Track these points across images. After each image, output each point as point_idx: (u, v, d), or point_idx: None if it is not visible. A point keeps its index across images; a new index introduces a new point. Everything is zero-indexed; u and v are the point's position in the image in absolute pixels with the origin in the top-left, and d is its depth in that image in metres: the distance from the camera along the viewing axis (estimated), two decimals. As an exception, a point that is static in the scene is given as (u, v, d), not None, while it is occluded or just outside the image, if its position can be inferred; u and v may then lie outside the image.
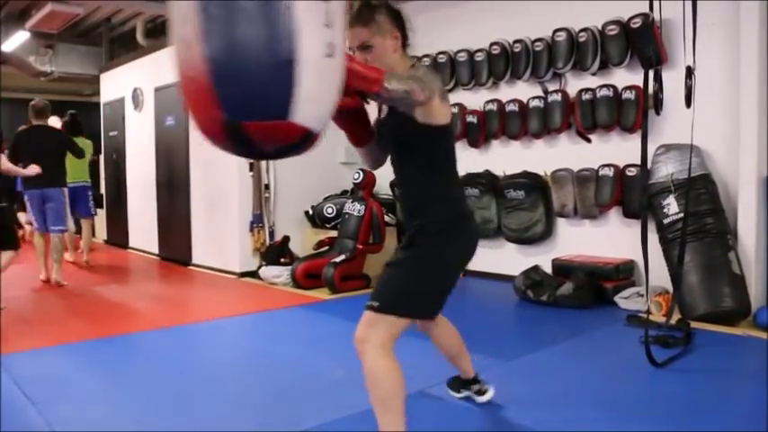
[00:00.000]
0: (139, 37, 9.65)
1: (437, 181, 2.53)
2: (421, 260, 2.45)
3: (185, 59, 1.70)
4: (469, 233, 2.59)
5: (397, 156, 2.61)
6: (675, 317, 4.47)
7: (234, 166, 6.94)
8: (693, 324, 4.39)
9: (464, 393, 3.16)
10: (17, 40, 9.33)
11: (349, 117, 2.46)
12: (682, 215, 4.43)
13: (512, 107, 6.10)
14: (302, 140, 1.85)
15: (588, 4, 5.57)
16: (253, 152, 1.96)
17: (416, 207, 2.54)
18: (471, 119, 6.43)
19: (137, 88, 8.94)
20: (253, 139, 1.76)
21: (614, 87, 5.36)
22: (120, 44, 10.82)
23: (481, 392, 3.11)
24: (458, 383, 3.19)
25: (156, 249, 8.66)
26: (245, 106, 1.69)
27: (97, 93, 11.11)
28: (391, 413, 2.38)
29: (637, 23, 5.04)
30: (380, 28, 2.43)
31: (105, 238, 10.38)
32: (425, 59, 6.68)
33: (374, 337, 2.36)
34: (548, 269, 5.60)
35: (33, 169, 6.00)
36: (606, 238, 5.62)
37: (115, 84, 9.84)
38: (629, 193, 5.30)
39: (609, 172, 5.39)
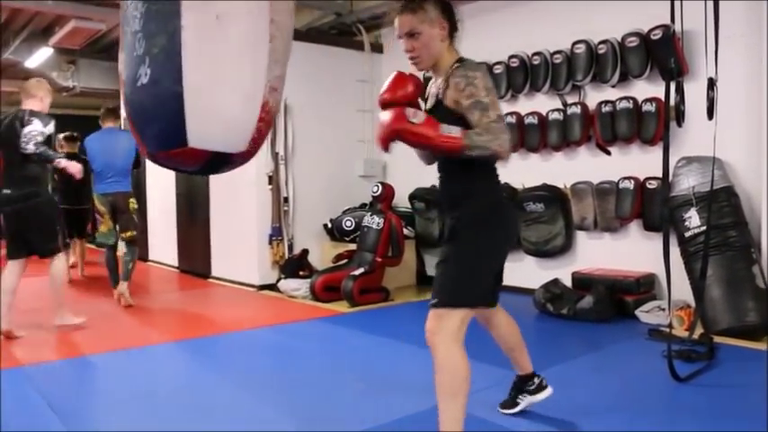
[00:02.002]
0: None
1: (477, 175, 2.56)
2: (466, 250, 2.51)
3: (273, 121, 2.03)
4: (506, 216, 2.66)
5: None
6: (698, 331, 4.42)
7: (253, 180, 6.98)
8: (716, 338, 4.33)
9: (520, 405, 3.13)
10: (41, 56, 9.46)
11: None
12: (704, 228, 4.39)
13: (531, 120, 6.09)
14: (216, 161, 1.97)
15: (608, 16, 5.56)
16: (184, 171, 2.18)
17: (456, 200, 2.60)
18: (490, 132, 6.41)
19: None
20: (170, 164, 2.02)
21: (634, 99, 5.33)
22: (141, 59, 10.92)
23: (541, 387, 3.11)
24: (512, 396, 3.15)
25: (175, 262, 8.71)
26: (154, 140, 1.93)
27: (118, 107, 11.20)
28: (455, 404, 2.42)
29: (657, 35, 5.02)
30: (428, 16, 2.50)
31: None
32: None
33: (445, 329, 2.43)
34: (567, 282, 5.56)
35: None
36: (626, 252, 5.57)
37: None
38: (650, 206, 5.26)
39: (629, 184, 5.35)
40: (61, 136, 7.84)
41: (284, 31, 1.93)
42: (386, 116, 2.43)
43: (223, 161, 1.96)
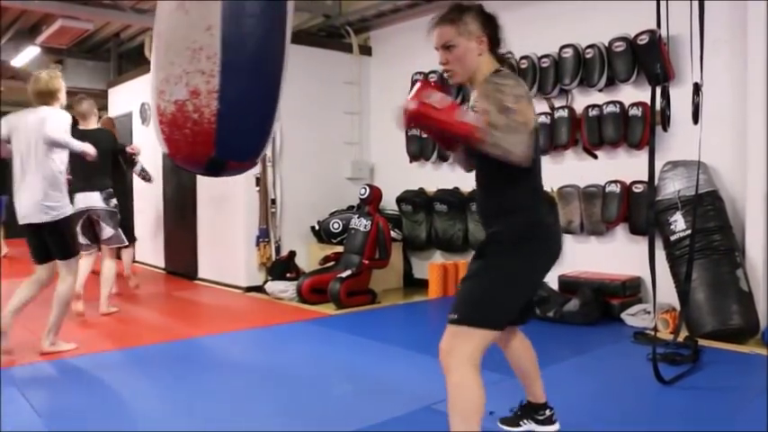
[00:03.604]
0: (147, 52, 9.71)
1: (516, 191, 2.41)
2: (492, 271, 2.37)
3: (193, 104, 2.03)
4: (546, 240, 2.46)
5: (478, 161, 2.51)
6: (683, 334, 4.45)
7: (241, 182, 6.96)
8: (701, 342, 4.36)
9: (522, 428, 2.98)
10: (28, 55, 9.41)
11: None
12: (689, 232, 4.41)
13: (518, 123, 6.09)
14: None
15: (595, 21, 5.60)
16: (215, 176, 2.35)
17: (492, 215, 2.48)
18: (478, 135, 6.43)
19: (144, 103, 8.99)
20: (225, 172, 2.24)
21: (621, 104, 5.36)
22: (129, 59, 10.89)
23: (551, 421, 2.93)
24: (516, 415, 3.01)
25: (162, 263, 8.67)
26: (235, 150, 2.15)
27: (105, 107, 11.17)
28: (467, 428, 2.29)
29: (644, 40, 5.06)
30: (467, 29, 2.40)
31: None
32: (432, 75, 6.68)
33: (459, 350, 2.29)
34: (554, 285, 5.58)
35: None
36: (613, 255, 5.60)
37: (123, 99, 9.90)
38: (636, 210, 5.29)
39: (615, 188, 5.38)
40: None
41: (163, 36, 2.07)
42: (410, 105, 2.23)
43: (173, 162, 2.24)
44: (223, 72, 2.01)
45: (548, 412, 2.94)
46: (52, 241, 4.32)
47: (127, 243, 6.02)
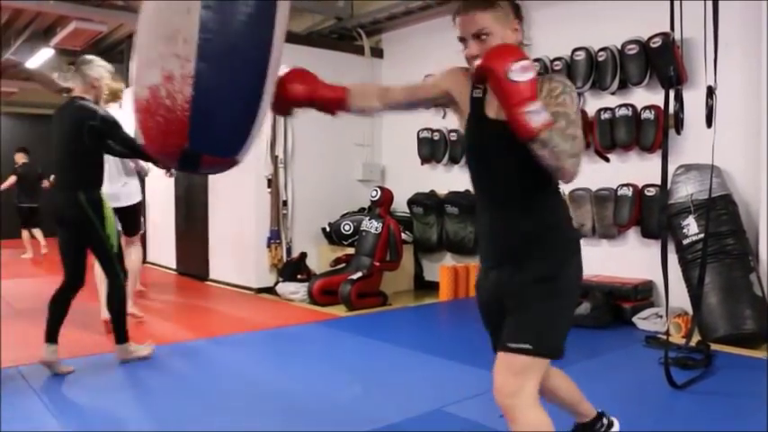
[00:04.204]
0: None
1: (554, 198, 2.12)
2: (566, 293, 2.06)
3: (166, 89, 1.89)
4: (579, 252, 2.13)
5: (503, 165, 2.04)
6: (695, 339, 4.42)
7: (252, 183, 6.99)
8: (713, 346, 4.33)
9: None
10: (42, 56, 9.48)
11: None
12: (702, 236, 4.39)
13: (530, 126, 6.08)
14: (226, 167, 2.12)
15: (607, 24, 5.58)
16: (191, 171, 2.16)
17: (524, 244, 2.05)
18: (489, 137, 6.42)
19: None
20: (200, 167, 2.08)
21: (633, 107, 5.34)
22: (142, 61, 10.95)
23: (611, 425, 2.67)
24: None
25: (173, 264, 8.71)
26: (210, 143, 1.97)
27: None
28: None
29: (657, 43, 5.04)
30: (503, 15, 2.01)
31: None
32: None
33: (527, 389, 1.94)
34: (565, 289, 5.56)
35: None
36: (624, 259, 5.58)
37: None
38: (648, 214, 5.27)
39: (627, 192, 5.36)
40: None
41: (144, 20, 1.96)
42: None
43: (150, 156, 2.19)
44: (200, 57, 1.88)
45: (605, 420, 2.67)
46: None
47: None
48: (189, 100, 1.88)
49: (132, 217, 5.55)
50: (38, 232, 10.47)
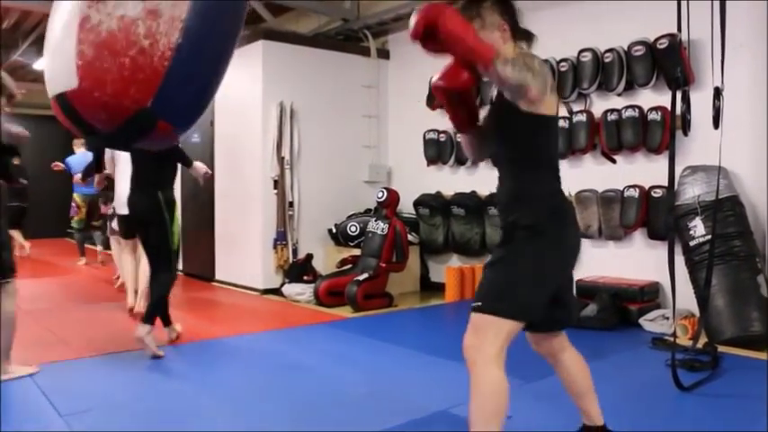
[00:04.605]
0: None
1: (536, 175, 2.36)
2: (518, 257, 2.28)
3: (147, 26, 1.53)
4: (566, 229, 2.39)
5: (497, 145, 2.47)
6: (702, 340, 4.41)
7: (258, 184, 7.00)
8: (720, 348, 4.32)
9: None
10: (48, 58, 9.51)
11: (453, 96, 2.36)
12: (708, 237, 4.38)
13: (536, 127, 6.08)
14: (65, 110, 1.66)
15: (614, 25, 5.57)
16: (132, 140, 1.82)
17: (512, 201, 2.37)
18: (495, 138, 6.41)
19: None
20: (147, 137, 1.73)
21: (640, 108, 5.33)
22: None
23: None
24: None
25: (179, 265, 8.71)
26: (173, 109, 1.66)
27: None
28: (488, 428, 2.18)
29: (663, 44, 5.03)
30: (486, 22, 2.32)
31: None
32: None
33: (485, 345, 2.18)
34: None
35: None
36: (631, 260, 5.57)
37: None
38: (655, 215, 5.26)
39: (634, 193, 5.35)
40: None
41: None
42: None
43: (67, 107, 1.59)
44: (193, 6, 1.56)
45: None
46: None
47: None
48: (173, 48, 1.54)
49: None
50: (17, 234, 10.37)
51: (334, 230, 7.30)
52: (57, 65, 1.56)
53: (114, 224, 6.98)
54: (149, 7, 1.50)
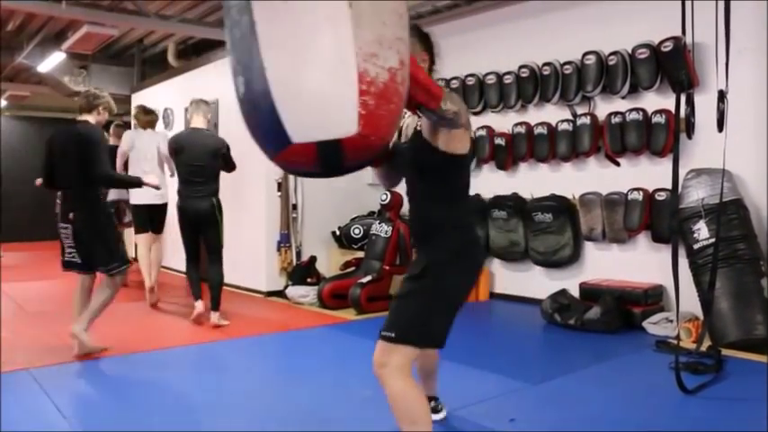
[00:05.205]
0: (171, 58, 9.81)
1: (452, 209, 2.57)
2: (435, 292, 2.46)
3: (402, 76, 1.77)
4: (476, 259, 2.67)
5: (414, 181, 2.68)
6: (706, 344, 4.40)
7: (262, 187, 7.01)
8: (724, 351, 4.32)
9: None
10: (53, 60, 9.53)
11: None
12: (712, 240, 4.37)
13: (540, 130, 6.09)
14: (328, 152, 1.79)
15: (618, 28, 5.57)
16: (312, 175, 1.99)
17: (429, 233, 2.57)
18: (499, 141, 6.43)
19: (167, 108, 9.07)
20: (291, 168, 1.98)
21: (644, 111, 5.33)
22: (152, 65, 11.00)
23: (435, 410, 3.12)
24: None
25: (183, 267, 8.71)
26: (265, 146, 1.87)
27: (128, 112, 11.28)
28: (420, 429, 2.40)
29: (668, 47, 5.02)
30: (414, 52, 2.33)
31: (133, 255, 10.48)
32: (454, 81, 6.72)
33: (394, 363, 2.39)
34: (575, 293, 5.56)
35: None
36: (634, 263, 5.57)
37: (146, 103, 9.98)
38: (659, 218, 5.26)
39: (638, 196, 5.35)
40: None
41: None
42: None
43: (335, 151, 1.74)
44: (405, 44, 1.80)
45: (432, 403, 3.11)
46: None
47: None
48: (406, 89, 1.81)
49: (163, 215, 6.84)
50: None
51: (337, 233, 7.30)
52: (330, 112, 1.69)
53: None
54: (401, 57, 1.75)
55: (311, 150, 1.73)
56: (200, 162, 5.46)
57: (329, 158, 1.76)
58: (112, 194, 8.40)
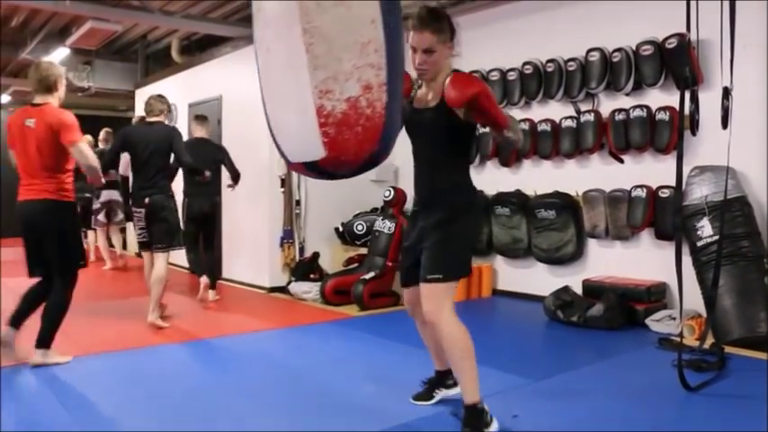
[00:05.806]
0: (174, 54, 9.82)
1: (464, 168, 3.09)
2: (462, 235, 2.96)
3: (366, 99, 1.99)
4: (480, 212, 3.53)
5: (432, 142, 3.03)
6: (709, 341, 4.40)
7: (265, 183, 7.02)
8: (727, 349, 4.31)
9: (436, 398, 3.37)
10: (57, 56, 9.53)
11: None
12: (716, 238, 4.37)
13: (544, 127, 6.09)
14: (316, 170, 2.15)
15: (622, 25, 5.56)
16: (354, 175, 2.21)
17: (447, 188, 3.00)
18: (503, 138, 6.41)
19: (171, 104, 9.06)
20: (366, 170, 2.19)
21: (648, 108, 5.32)
22: (156, 61, 11.01)
23: (456, 384, 3.18)
24: (427, 390, 3.40)
25: (186, 263, 8.73)
26: (389, 144, 2.13)
27: (132, 108, 11.31)
28: (469, 362, 2.86)
29: (672, 44, 5.01)
30: (444, 36, 2.85)
31: (137, 250, 10.49)
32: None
33: (445, 307, 2.85)
34: (578, 290, 5.56)
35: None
36: (638, 260, 5.56)
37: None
38: (662, 215, 5.25)
39: (641, 193, 5.34)
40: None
41: (322, 35, 1.97)
42: (461, 79, 2.75)
43: (318, 169, 2.10)
44: (388, 63, 2.02)
45: (451, 380, 3.35)
46: None
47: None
48: (384, 106, 2.02)
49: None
50: None
51: (340, 229, 7.31)
52: (301, 142, 2.06)
53: (101, 216, 8.70)
54: (363, 83, 1.97)
55: (303, 168, 2.13)
56: (205, 161, 6.02)
57: (318, 173, 2.13)
58: (104, 195, 8.53)
